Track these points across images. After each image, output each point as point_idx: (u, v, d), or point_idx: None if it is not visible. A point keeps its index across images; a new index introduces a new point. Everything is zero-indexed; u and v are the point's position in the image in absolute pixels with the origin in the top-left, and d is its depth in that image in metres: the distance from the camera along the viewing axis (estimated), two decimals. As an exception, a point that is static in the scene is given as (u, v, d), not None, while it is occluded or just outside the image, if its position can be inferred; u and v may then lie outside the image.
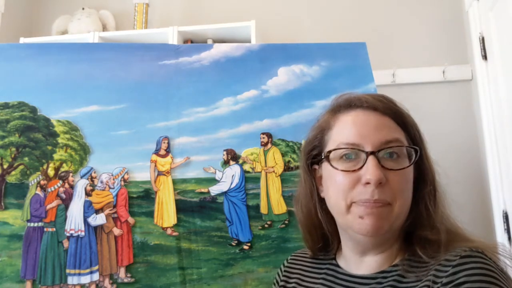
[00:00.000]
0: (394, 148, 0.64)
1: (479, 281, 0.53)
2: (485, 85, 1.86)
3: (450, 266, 0.57)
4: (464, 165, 2.02)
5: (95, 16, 2.41)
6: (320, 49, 1.32)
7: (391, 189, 0.62)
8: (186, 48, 1.33)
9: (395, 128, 0.67)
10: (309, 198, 0.74)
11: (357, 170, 0.63)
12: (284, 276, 0.81)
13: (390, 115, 0.67)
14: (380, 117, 0.67)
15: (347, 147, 0.65)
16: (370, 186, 0.62)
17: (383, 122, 0.66)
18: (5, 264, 1.08)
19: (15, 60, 1.24)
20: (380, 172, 0.61)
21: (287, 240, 1.13)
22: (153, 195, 1.16)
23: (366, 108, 0.68)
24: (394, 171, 0.63)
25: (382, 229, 0.62)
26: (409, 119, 0.69)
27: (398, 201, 0.63)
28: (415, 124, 0.70)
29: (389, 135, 0.65)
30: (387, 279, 0.64)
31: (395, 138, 0.65)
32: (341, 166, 0.65)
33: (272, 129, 1.22)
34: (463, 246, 0.59)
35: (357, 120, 0.67)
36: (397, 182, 0.63)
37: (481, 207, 1.92)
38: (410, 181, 0.65)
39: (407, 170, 0.64)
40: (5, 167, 1.15)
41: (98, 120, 1.19)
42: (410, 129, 0.68)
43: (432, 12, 2.24)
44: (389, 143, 0.64)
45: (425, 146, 0.70)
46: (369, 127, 0.65)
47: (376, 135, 0.64)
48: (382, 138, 0.64)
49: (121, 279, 1.09)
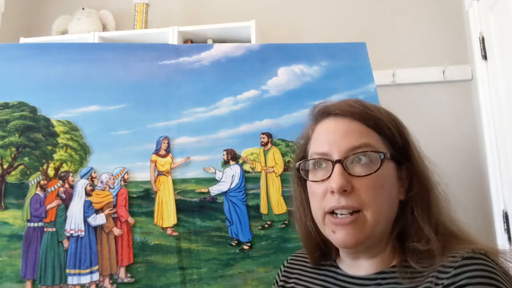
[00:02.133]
0: (360, 154, 0.63)
1: (481, 283, 0.53)
2: (485, 85, 1.86)
3: (452, 267, 0.56)
4: (464, 165, 2.02)
5: (95, 16, 2.41)
6: (320, 49, 1.32)
7: (360, 196, 0.62)
8: (186, 48, 1.33)
9: (366, 133, 0.65)
10: (301, 209, 0.75)
11: (326, 179, 0.64)
12: (284, 276, 0.81)
13: (361, 120, 0.66)
14: (350, 123, 0.66)
15: (317, 158, 0.66)
16: (335, 194, 0.62)
17: (353, 128, 0.65)
18: (5, 264, 1.08)
19: (15, 60, 1.24)
20: (342, 180, 0.61)
21: (287, 240, 1.13)
22: (153, 195, 1.16)
23: (337, 115, 0.67)
24: (362, 177, 0.62)
25: (356, 241, 0.62)
26: (384, 121, 0.66)
27: (370, 207, 0.62)
28: (396, 124, 0.68)
29: (356, 141, 0.64)
30: (387, 280, 0.64)
31: (363, 143, 0.64)
32: (313, 177, 0.67)
33: (272, 129, 1.22)
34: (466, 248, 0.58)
35: (328, 128, 0.67)
36: (366, 187, 0.62)
37: (481, 207, 1.91)
38: (385, 185, 0.64)
39: (381, 174, 0.63)
40: (5, 167, 1.15)
41: (98, 120, 1.19)
42: (386, 132, 0.66)
43: (432, 12, 2.24)
44: (356, 149, 0.63)
45: (414, 146, 0.68)
46: (337, 135, 0.65)
47: (344, 142, 0.64)
48: (349, 145, 0.64)
49: (121, 279, 1.09)
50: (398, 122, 0.69)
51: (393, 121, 0.68)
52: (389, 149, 0.66)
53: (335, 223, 0.63)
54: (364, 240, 0.63)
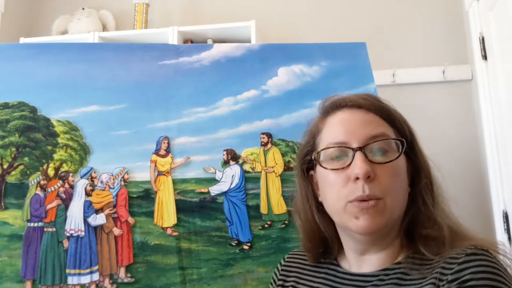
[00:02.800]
0: (380, 142, 0.65)
1: (484, 279, 0.54)
2: (485, 85, 1.86)
3: (455, 263, 0.57)
4: (464, 165, 2.02)
5: (95, 16, 2.41)
6: (320, 49, 1.32)
7: (381, 183, 0.63)
8: (186, 48, 1.33)
9: (381, 123, 0.67)
10: (306, 203, 0.74)
11: (347, 167, 0.64)
12: (282, 275, 0.80)
13: (375, 112, 0.68)
14: (365, 114, 0.68)
15: (335, 146, 0.67)
16: (360, 181, 0.62)
17: (369, 119, 0.67)
18: (5, 264, 1.08)
19: (15, 60, 1.24)
20: (367, 166, 0.62)
21: (287, 240, 1.13)
22: (153, 195, 1.16)
23: (351, 107, 0.69)
24: (382, 164, 0.63)
25: (377, 226, 0.63)
26: (396, 114, 0.70)
27: (389, 195, 0.63)
28: (403, 119, 0.70)
29: (375, 130, 0.66)
30: (389, 276, 0.64)
31: (381, 133, 0.66)
32: (331, 166, 0.67)
33: (272, 129, 1.22)
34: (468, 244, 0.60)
35: (343, 119, 0.69)
36: (386, 175, 0.63)
37: (481, 207, 1.91)
38: (401, 175, 0.65)
39: (397, 163, 0.65)
40: (5, 167, 1.15)
41: (98, 120, 1.19)
42: (397, 124, 0.69)
43: (432, 12, 2.24)
44: (375, 137, 0.65)
45: (417, 141, 0.70)
46: (355, 124, 0.67)
47: (362, 131, 0.65)
48: (368, 133, 0.65)
49: (121, 279, 1.09)
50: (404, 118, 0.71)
51: (402, 116, 0.70)
52: None
53: (359, 207, 0.63)
54: (384, 226, 0.64)
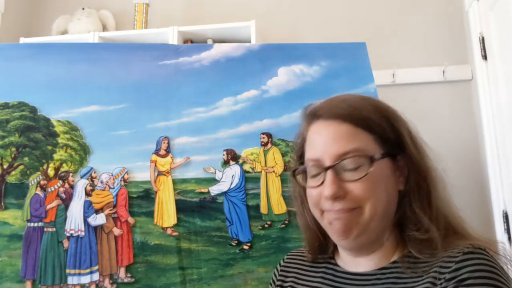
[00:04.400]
0: (351, 159, 0.63)
1: (481, 277, 0.55)
2: (485, 85, 1.86)
3: (453, 262, 0.58)
4: (464, 165, 2.01)
5: (95, 16, 2.41)
6: (320, 49, 1.32)
7: (354, 197, 0.63)
8: (186, 48, 1.33)
9: (354, 135, 0.65)
10: (299, 204, 0.77)
11: (320, 185, 0.65)
12: (281, 276, 0.81)
13: (350, 121, 0.65)
14: (339, 126, 0.66)
15: (310, 164, 0.68)
16: (329, 200, 0.64)
17: (342, 131, 0.65)
18: (5, 264, 1.08)
19: (15, 60, 1.24)
20: (335, 187, 0.63)
21: (287, 240, 1.13)
22: (153, 195, 1.16)
23: (327, 118, 0.67)
24: (354, 181, 0.63)
25: (351, 232, 0.64)
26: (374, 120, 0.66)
27: (368, 203, 0.63)
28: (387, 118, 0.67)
29: (346, 146, 0.64)
30: (386, 275, 0.64)
31: (353, 148, 0.64)
32: (310, 183, 0.68)
33: (272, 129, 1.22)
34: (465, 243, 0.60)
35: (318, 133, 0.68)
36: (360, 189, 0.63)
37: (481, 207, 1.91)
38: (380, 181, 0.64)
39: (371, 175, 0.63)
40: (5, 167, 1.15)
41: (98, 120, 1.19)
42: (376, 129, 0.66)
43: (432, 12, 2.24)
44: (345, 154, 0.64)
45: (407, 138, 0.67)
46: (327, 140, 0.66)
47: (333, 148, 0.64)
48: (338, 151, 0.64)
49: (121, 279, 1.09)
50: (389, 115, 0.68)
51: (383, 116, 0.67)
52: (381, 146, 0.65)
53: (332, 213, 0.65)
54: (360, 233, 0.64)
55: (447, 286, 0.56)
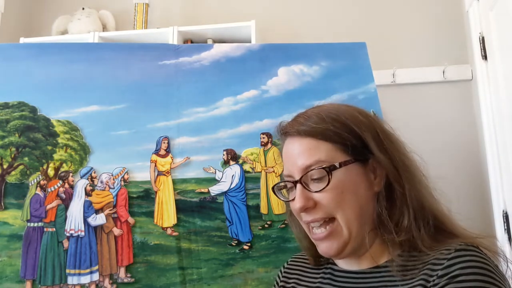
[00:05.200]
0: (313, 172, 0.66)
1: (473, 274, 0.55)
2: (485, 85, 1.86)
3: (445, 259, 0.59)
4: (464, 165, 2.01)
5: (95, 16, 2.41)
6: (320, 49, 1.32)
7: (324, 207, 0.65)
8: (186, 48, 1.33)
9: (315, 148, 0.67)
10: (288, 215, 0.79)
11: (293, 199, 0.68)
12: (284, 277, 0.82)
13: (310, 136, 0.68)
14: (301, 141, 0.69)
15: (285, 180, 0.71)
16: (300, 212, 0.67)
17: (304, 147, 0.68)
18: (5, 264, 1.08)
19: (15, 60, 1.24)
20: (302, 200, 0.66)
21: (287, 240, 1.13)
22: (153, 195, 1.16)
23: (291, 135, 0.71)
24: (319, 192, 0.65)
25: (337, 250, 0.66)
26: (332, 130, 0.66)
27: (339, 212, 0.65)
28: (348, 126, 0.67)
29: (308, 159, 0.66)
30: (381, 273, 0.66)
31: (314, 161, 0.66)
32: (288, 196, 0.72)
33: (272, 129, 1.21)
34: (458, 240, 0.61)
35: (287, 150, 0.72)
36: (327, 199, 0.65)
37: (481, 207, 1.91)
38: (349, 189, 0.65)
39: (339, 181, 0.65)
40: (5, 167, 1.15)
41: (98, 120, 1.19)
42: (335, 138, 0.66)
43: (432, 12, 2.24)
44: (308, 167, 0.66)
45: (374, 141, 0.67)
46: (293, 155, 0.69)
47: (298, 163, 0.67)
48: (302, 165, 0.67)
49: (121, 279, 1.09)
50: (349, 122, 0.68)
51: (343, 125, 0.67)
52: (346, 154, 0.66)
53: (314, 238, 0.68)
54: (344, 246, 0.66)
55: (439, 282, 0.57)
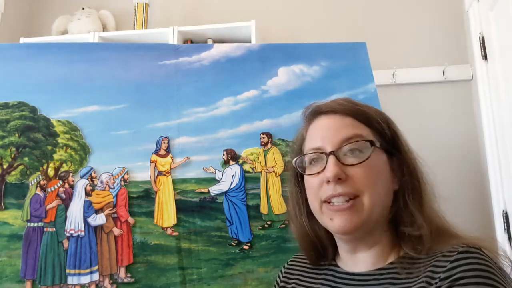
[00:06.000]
0: (352, 144, 0.67)
1: (476, 276, 0.55)
2: (485, 85, 1.86)
3: (447, 261, 0.58)
4: (464, 165, 2.02)
5: (95, 16, 2.41)
6: (320, 49, 1.32)
7: (355, 183, 0.65)
8: (186, 48, 1.33)
9: (356, 125, 0.69)
10: (297, 210, 0.77)
11: (322, 171, 0.67)
12: (284, 278, 0.82)
13: (352, 115, 0.70)
14: (341, 118, 0.70)
15: (311, 152, 0.70)
16: (331, 183, 0.65)
17: (344, 123, 0.69)
18: (5, 264, 1.08)
19: (15, 60, 1.24)
20: (337, 169, 0.65)
21: (287, 240, 1.13)
22: (153, 195, 1.16)
23: (328, 113, 0.72)
24: (355, 165, 0.65)
25: (354, 225, 0.65)
26: (374, 115, 0.71)
27: (366, 192, 0.65)
28: (384, 118, 0.72)
29: (347, 133, 0.68)
30: (384, 276, 0.65)
31: (354, 134, 0.67)
32: (310, 171, 0.70)
33: (272, 129, 1.22)
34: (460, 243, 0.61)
35: (320, 126, 0.72)
36: (360, 174, 0.65)
37: (481, 207, 1.91)
38: (379, 172, 0.67)
39: (373, 162, 0.66)
40: (5, 167, 1.15)
41: (98, 120, 1.19)
42: (375, 124, 0.70)
43: (432, 12, 2.24)
44: (348, 140, 0.67)
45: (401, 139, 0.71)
46: (330, 130, 0.69)
47: (336, 135, 0.68)
48: (341, 137, 0.67)
49: (121, 279, 1.09)
50: (386, 116, 0.73)
51: (381, 116, 0.72)
52: (379, 140, 0.69)
53: (332, 210, 0.66)
54: (362, 225, 0.65)
55: (442, 285, 0.56)
